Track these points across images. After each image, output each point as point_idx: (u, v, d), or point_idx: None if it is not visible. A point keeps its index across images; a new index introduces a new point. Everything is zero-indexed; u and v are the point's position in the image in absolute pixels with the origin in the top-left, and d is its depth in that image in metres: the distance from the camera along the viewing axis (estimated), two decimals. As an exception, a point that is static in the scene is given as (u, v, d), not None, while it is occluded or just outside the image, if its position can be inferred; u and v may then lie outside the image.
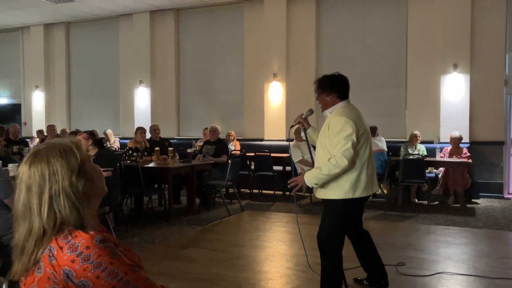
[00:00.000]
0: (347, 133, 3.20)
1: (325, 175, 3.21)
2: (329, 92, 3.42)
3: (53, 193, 1.31)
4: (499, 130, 8.51)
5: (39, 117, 12.95)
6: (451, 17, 8.59)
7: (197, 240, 5.63)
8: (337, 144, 3.20)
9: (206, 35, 11.05)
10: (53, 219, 1.30)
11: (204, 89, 11.14)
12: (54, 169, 1.32)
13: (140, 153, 7.45)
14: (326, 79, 3.47)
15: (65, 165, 1.34)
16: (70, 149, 1.38)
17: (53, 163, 1.33)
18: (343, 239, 3.42)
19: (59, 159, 1.35)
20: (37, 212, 1.31)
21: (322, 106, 3.51)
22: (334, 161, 3.17)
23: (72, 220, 1.31)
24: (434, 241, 5.50)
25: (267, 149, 9.04)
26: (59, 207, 1.31)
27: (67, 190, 1.32)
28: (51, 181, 1.31)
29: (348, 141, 3.19)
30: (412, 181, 7.72)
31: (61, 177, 1.32)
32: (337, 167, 3.17)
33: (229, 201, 7.99)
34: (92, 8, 11.07)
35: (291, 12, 9.97)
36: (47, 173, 1.32)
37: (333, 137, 3.24)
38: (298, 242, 5.37)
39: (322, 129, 3.43)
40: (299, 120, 3.64)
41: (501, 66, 8.47)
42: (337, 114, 3.33)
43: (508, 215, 7.01)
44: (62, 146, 1.38)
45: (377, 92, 9.41)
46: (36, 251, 1.30)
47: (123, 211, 6.83)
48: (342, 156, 3.16)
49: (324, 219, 3.41)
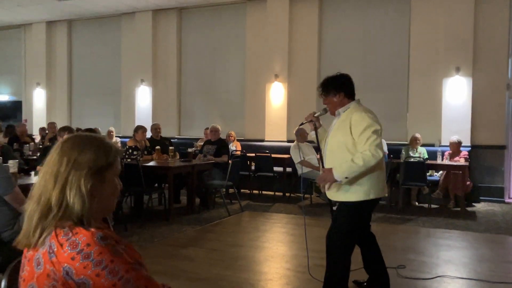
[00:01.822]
0: (376, 128, 3.17)
1: (360, 167, 3.09)
2: (336, 92, 3.38)
3: (70, 178, 1.33)
4: (501, 134, 8.49)
5: (40, 114, 12.94)
6: (454, 20, 8.57)
7: (197, 240, 5.61)
8: (368, 138, 3.12)
9: (208, 34, 11.04)
10: (59, 201, 1.32)
11: (206, 88, 11.13)
12: (82, 158, 1.36)
13: (140, 152, 7.43)
14: (330, 80, 3.43)
15: (93, 159, 1.37)
16: (108, 148, 1.42)
17: (84, 153, 1.37)
18: (355, 242, 3.39)
19: (91, 151, 1.38)
20: (51, 188, 1.34)
21: (331, 107, 3.46)
22: (369, 153, 3.08)
23: (74, 211, 1.32)
24: (435, 244, 5.48)
25: (267, 149, 9.02)
26: (70, 194, 1.32)
27: (83, 181, 1.33)
28: (74, 167, 1.34)
29: (378, 136, 3.16)
30: (412, 184, 7.70)
31: (83, 167, 1.35)
32: (374, 159, 3.08)
33: (229, 201, 7.97)
34: (94, 6, 11.06)
35: (293, 13, 9.96)
36: (74, 157, 1.35)
37: (360, 132, 3.16)
38: (298, 243, 5.36)
39: (337, 127, 3.35)
40: (312, 118, 3.56)
41: (503, 70, 8.45)
42: (358, 111, 3.27)
43: (509, 219, 6.99)
44: (102, 141, 1.43)
45: (379, 94, 9.38)
46: (39, 227, 1.31)
47: (123, 209, 6.82)
48: (377, 149, 3.10)
49: (339, 220, 3.33)
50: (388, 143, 8.35)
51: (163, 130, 8.81)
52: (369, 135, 3.14)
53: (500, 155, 8.50)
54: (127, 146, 7.50)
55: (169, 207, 6.78)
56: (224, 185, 7.26)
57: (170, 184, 6.77)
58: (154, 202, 7.90)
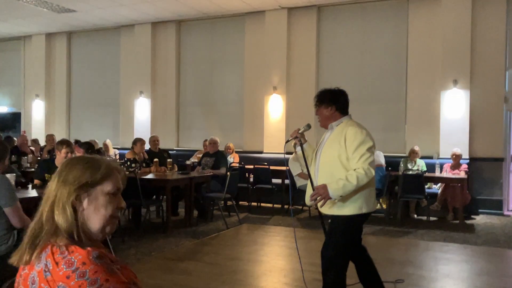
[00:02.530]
0: (370, 145, 3.23)
1: (354, 186, 3.15)
2: (328, 105, 3.42)
3: (57, 195, 1.36)
4: (499, 147, 8.51)
5: (39, 126, 12.93)
6: (452, 33, 8.64)
7: (194, 253, 5.59)
8: (362, 156, 3.19)
9: (207, 47, 11.10)
10: (48, 217, 1.35)
11: (204, 100, 11.16)
12: (69, 175, 1.38)
13: (139, 164, 7.43)
14: (325, 92, 3.48)
15: (78, 175, 1.39)
16: (96, 165, 1.42)
17: (71, 170, 1.39)
18: (349, 257, 3.40)
19: (78, 168, 1.40)
20: (43, 207, 1.37)
21: (321, 119, 3.49)
22: (363, 171, 3.14)
23: (62, 226, 1.33)
24: (433, 258, 5.46)
25: (266, 161, 9.02)
26: (57, 210, 1.34)
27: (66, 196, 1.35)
28: (62, 184, 1.37)
29: (371, 154, 3.23)
30: (411, 197, 7.70)
31: (70, 183, 1.37)
32: (366, 178, 3.15)
33: (227, 214, 7.95)
34: (94, 18, 11.12)
35: (292, 25, 10.03)
36: (62, 175, 1.39)
37: (354, 149, 3.21)
38: (296, 257, 5.31)
39: (331, 141, 3.36)
40: (296, 135, 3.61)
41: (501, 82, 8.49)
42: (352, 125, 3.31)
43: (508, 232, 6.97)
44: (92, 159, 1.44)
45: (377, 106, 9.42)
46: (32, 243, 1.32)
47: (120, 221, 6.79)
48: (370, 167, 3.17)
49: (334, 235, 3.34)
50: (386, 155, 8.36)
51: (161, 141, 8.81)
52: (363, 152, 3.19)
53: (498, 168, 8.51)
54: (126, 159, 7.50)
55: (167, 219, 6.75)
56: (222, 198, 7.24)
57: (168, 197, 6.75)
58: (152, 214, 7.88)
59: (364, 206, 3.27)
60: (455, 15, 8.62)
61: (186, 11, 10.31)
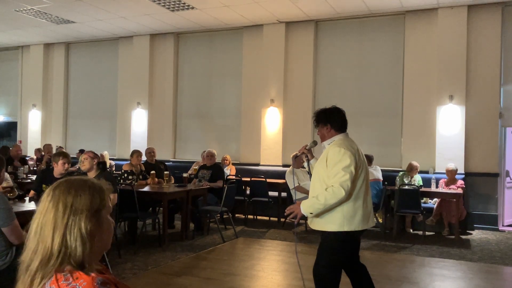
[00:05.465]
0: (346, 163, 3.24)
1: (321, 205, 3.22)
2: (324, 124, 3.52)
3: (69, 224, 1.33)
4: (494, 162, 8.56)
5: (35, 136, 12.91)
6: (447, 49, 8.73)
7: (191, 268, 5.57)
8: (336, 174, 3.22)
9: (205, 59, 11.15)
10: (60, 247, 1.31)
11: (201, 112, 11.18)
12: (79, 202, 1.36)
13: (135, 177, 7.42)
14: (321, 111, 3.57)
15: (89, 202, 1.38)
16: (100, 189, 1.44)
17: (80, 197, 1.38)
18: (340, 274, 3.39)
19: (86, 194, 1.39)
20: (49, 236, 1.33)
21: (320, 138, 3.60)
22: (331, 191, 3.18)
23: (77, 254, 1.32)
24: (429, 274, 5.47)
25: (263, 174, 9.03)
26: (70, 238, 1.32)
27: (83, 225, 1.34)
28: (71, 212, 1.35)
29: (346, 172, 3.21)
30: (407, 212, 7.72)
31: (81, 211, 1.36)
32: (334, 197, 3.18)
33: (223, 227, 7.93)
34: (92, 29, 11.16)
35: (289, 39, 10.11)
36: (70, 203, 1.35)
37: (331, 168, 3.27)
38: (293, 272, 5.33)
39: (320, 159, 3.48)
40: (303, 151, 3.76)
41: (496, 98, 8.58)
42: (335, 145, 3.38)
43: (503, 248, 7.00)
44: (93, 184, 1.44)
45: (373, 120, 9.48)
46: (38, 275, 1.30)
47: (117, 235, 6.76)
48: (340, 186, 3.18)
49: (321, 252, 3.40)
50: (382, 169, 8.39)
51: (158, 153, 8.81)
52: (337, 170, 3.23)
53: (494, 183, 8.56)
54: (123, 170, 7.49)
55: (163, 233, 6.74)
56: (218, 211, 7.23)
57: (165, 209, 6.74)
58: (148, 227, 7.85)
59: (345, 223, 3.26)
60: (451, 31, 8.72)
61: (184, 23, 10.38)
